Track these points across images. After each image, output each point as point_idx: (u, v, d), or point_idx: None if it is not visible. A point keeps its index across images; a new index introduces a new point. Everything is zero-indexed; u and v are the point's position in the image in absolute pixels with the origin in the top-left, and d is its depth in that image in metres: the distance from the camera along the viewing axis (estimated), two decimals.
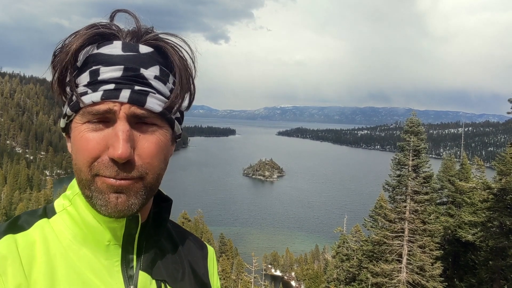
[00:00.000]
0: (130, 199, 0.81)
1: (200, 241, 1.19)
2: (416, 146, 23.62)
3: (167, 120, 0.86)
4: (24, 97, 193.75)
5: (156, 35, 0.86)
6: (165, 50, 0.85)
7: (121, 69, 0.80)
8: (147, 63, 0.82)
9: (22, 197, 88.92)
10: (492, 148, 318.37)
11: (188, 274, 1.05)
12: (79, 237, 0.87)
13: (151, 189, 0.85)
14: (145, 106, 0.80)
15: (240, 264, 64.46)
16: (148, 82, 0.81)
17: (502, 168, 22.20)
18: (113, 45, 0.82)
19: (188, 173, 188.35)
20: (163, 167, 0.88)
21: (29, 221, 0.88)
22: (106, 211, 0.81)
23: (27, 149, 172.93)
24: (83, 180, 0.82)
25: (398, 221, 23.50)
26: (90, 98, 0.79)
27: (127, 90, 0.79)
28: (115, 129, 0.79)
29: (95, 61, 0.81)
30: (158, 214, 1.00)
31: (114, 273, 0.88)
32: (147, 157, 0.82)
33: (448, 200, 30.58)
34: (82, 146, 0.80)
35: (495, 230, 22.39)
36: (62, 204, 0.92)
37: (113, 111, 0.79)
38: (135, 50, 0.82)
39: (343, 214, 43.12)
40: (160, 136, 0.84)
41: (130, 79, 0.80)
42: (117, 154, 0.76)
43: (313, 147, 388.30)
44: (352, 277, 31.18)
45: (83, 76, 0.81)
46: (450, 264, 27.94)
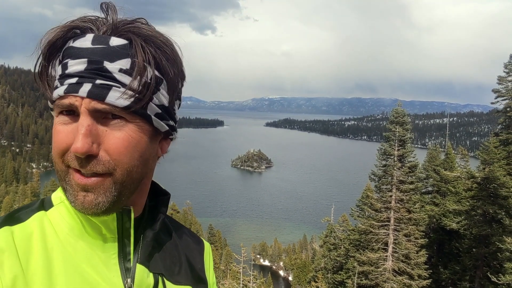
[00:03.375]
0: (98, 198, 0.80)
1: (196, 236, 1.19)
2: (402, 136, 23.84)
3: (140, 115, 0.83)
4: (9, 89, 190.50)
5: (131, 26, 0.83)
6: (136, 42, 0.81)
7: (85, 62, 0.78)
8: (114, 56, 0.79)
9: (8, 190, 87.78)
10: (476, 138, 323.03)
11: (185, 268, 1.05)
12: (76, 230, 0.87)
13: (122, 185, 0.82)
14: (105, 101, 0.77)
15: (229, 254, 64.81)
16: (111, 76, 0.78)
17: (485, 157, 22.51)
18: (85, 38, 0.81)
19: (176, 165, 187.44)
20: (137, 164, 0.84)
21: (27, 213, 0.87)
22: (76, 207, 0.81)
23: (12, 141, 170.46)
24: (58, 171, 0.82)
25: (384, 210, 23.78)
26: (57, 92, 0.79)
27: (88, 84, 0.77)
28: (78, 124, 0.78)
29: (67, 55, 0.81)
30: (155, 208, 1.00)
31: (111, 265, 0.88)
32: (113, 153, 0.79)
33: (433, 189, 30.96)
34: (55, 138, 0.80)
35: (478, 218, 22.77)
36: (59, 196, 0.91)
37: (75, 106, 0.78)
38: (104, 42, 0.80)
39: (331, 204, 43.37)
40: (129, 131, 0.81)
41: (93, 72, 0.78)
42: (74, 148, 0.75)
43: (300, 138, 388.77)
44: (340, 266, 31.57)
45: (57, 70, 0.82)
46: (434, 252, 28.39)
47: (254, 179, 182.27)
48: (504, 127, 24.88)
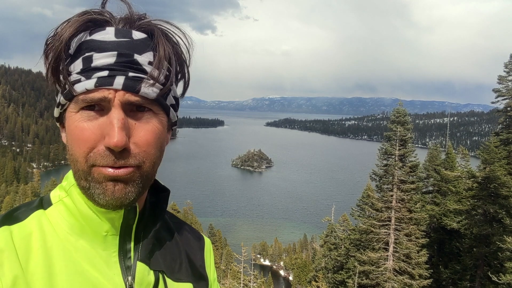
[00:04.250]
0: (127, 187, 0.80)
1: (197, 232, 1.18)
2: (403, 136, 23.83)
3: (163, 106, 0.85)
4: (10, 89, 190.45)
5: (149, 21, 0.85)
6: (159, 36, 0.83)
7: (115, 55, 0.78)
8: (141, 49, 0.81)
9: (9, 189, 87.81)
10: (477, 138, 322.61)
11: (185, 265, 1.04)
12: (76, 228, 0.86)
13: (147, 177, 0.84)
14: (139, 93, 0.79)
15: (229, 254, 64.86)
16: (142, 68, 0.79)
17: (486, 157, 22.51)
18: (105, 31, 0.80)
19: (177, 165, 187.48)
20: (159, 155, 0.86)
21: (25, 212, 0.86)
22: (104, 200, 0.80)
23: (13, 141, 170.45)
24: (79, 171, 0.80)
25: (384, 210, 23.76)
26: (83, 86, 0.77)
27: (121, 77, 0.77)
28: (109, 117, 0.77)
29: (88, 48, 0.79)
30: (155, 204, 0.99)
31: (111, 263, 0.87)
32: (143, 145, 0.80)
33: (434, 189, 30.95)
34: (78, 136, 0.78)
35: (479, 218, 22.78)
36: (58, 195, 0.91)
37: (108, 99, 0.77)
38: (128, 36, 0.81)
39: (331, 204, 43.43)
40: (156, 123, 0.83)
41: (124, 65, 0.78)
42: (112, 142, 0.75)
43: (301, 137, 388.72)
44: (340, 265, 31.54)
45: (76, 64, 0.79)
46: (435, 251, 28.39)
47: (255, 179, 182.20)
48: (504, 127, 24.89)
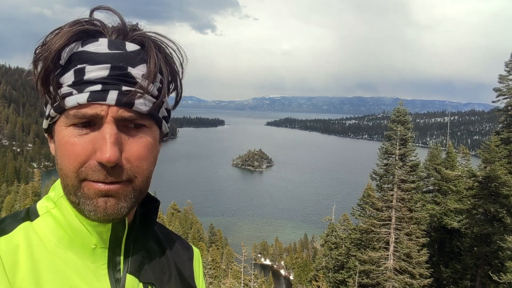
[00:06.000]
0: (119, 203, 0.78)
1: (185, 242, 1.17)
2: (403, 135, 23.81)
3: (156, 120, 0.84)
4: (10, 89, 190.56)
5: (143, 32, 0.82)
6: (152, 48, 0.80)
7: (108, 68, 0.75)
8: (134, 62, 0.78)
9: (9, 189, 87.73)
10: (478, 137, 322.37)
11: (175, 276, 1.03)
12: (64, 241, 0.84)
13: (140, 191, 0.83)
14: (133, 108, 0.77)
15: (230, 254, 64.82)
16: (136, 82, 0.77)
17: (487, 156, 22.50)
18: (98, 42, 0.78)
19: (177, 164, 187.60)
20: (152, 169, 0.85)
21: (11, 224, 0.84)
22: (95, 216, 0.78)
23: (13, 141, 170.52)
24: (69, 185, 0.78)
25: (385, 209, 23.75)
26: (75, 100, 0.75)
27: (114, 91, 0.75)
28: (102, 132, 0.75)
29: (80, 60, 0.76)
30: (145, 215, 0.97)
31: (100, 276, 0.86)
32: (135, 160, 0.79)
33: (434, 188, 30.91)
34: (68, 152, 0.77)
35: (479, 217, 22.77)
36: (45, 206, 0.88)
37: (101, 116, 0.75)
38: (122, 47, 0.78)
39: (332, 203, 43.40)
40: (148, 138, 0.82)
41: (118, 78, 0.76)
42: (105, 158, 0.73)
43: (301, 137, 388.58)
44: (341, 265, 31.53)
45: (67, 76, 0.76)
46: (436, 250, 28.37)
47: (255, 178, 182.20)
48: (505, 126, 24.86)
